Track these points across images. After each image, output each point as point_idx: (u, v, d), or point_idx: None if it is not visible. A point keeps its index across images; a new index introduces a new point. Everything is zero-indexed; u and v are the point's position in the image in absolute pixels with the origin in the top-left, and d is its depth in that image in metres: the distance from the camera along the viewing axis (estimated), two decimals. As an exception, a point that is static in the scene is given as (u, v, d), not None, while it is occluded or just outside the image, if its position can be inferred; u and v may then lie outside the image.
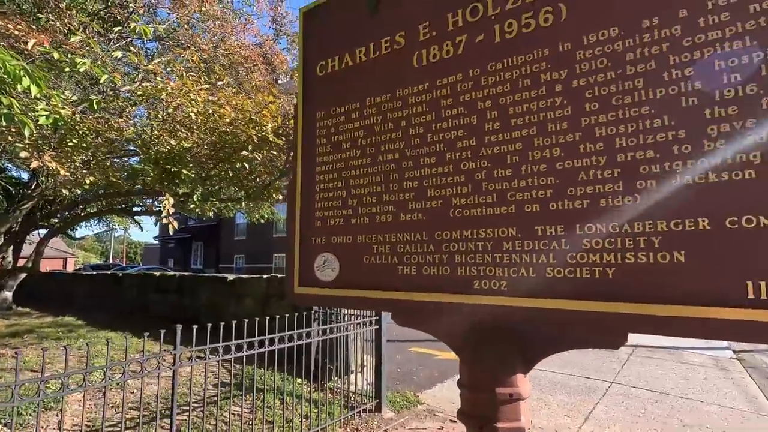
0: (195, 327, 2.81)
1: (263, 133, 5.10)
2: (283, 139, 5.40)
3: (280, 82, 10.27)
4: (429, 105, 1.14)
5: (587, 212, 0.89)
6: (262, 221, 9.45)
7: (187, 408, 3.34)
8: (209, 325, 2.92)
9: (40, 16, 5.90)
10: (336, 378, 4.72)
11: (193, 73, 5.46)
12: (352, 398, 4.46)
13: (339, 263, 1.26)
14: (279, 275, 6.96)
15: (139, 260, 57.01)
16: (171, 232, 5.04)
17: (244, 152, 5.24)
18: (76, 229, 17.41)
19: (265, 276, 6.97)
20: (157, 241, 39.67)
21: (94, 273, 13.35)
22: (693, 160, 0.79)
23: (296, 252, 1.36)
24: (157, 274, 10.11)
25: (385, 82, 1.24)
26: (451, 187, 1.07)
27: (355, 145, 1.28)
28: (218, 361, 3.07)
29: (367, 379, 4.51)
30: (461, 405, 1.01)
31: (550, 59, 0.97)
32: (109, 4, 7.10)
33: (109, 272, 13.55)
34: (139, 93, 4.91)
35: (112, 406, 4.07)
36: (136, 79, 5.65)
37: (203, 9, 6.87)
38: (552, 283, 0.91)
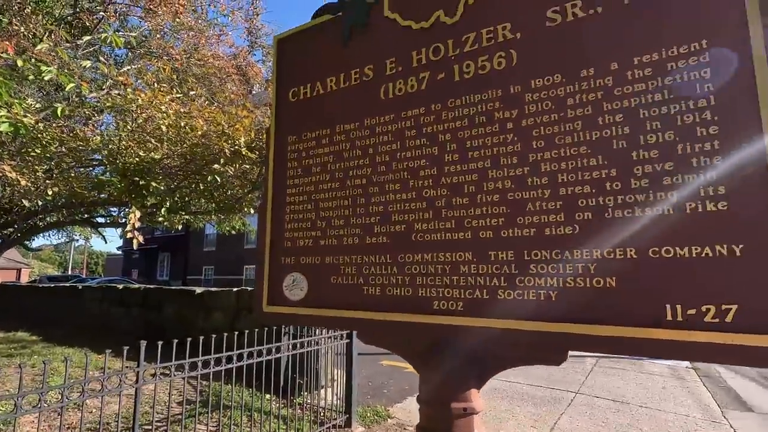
0: (160, 343, 2.75)
1: (236, 147, 5.08)
2: (257, 152, 5.38)
3: (254, 92, 10.23)
4: (394, 135, 1.22)
5: (534, 240, 0.98)
6: (233, 232, 9.29)
7: (150, 427, 3.23)
8: (175, 340, 2.86)
9: (2, 18, 5.71)
10: (306, 393, 4.67)
11: (164, 84, 5.40)
12: (322, 414, 4.42)
13: (307, 283, 1.31)
14: (249, 288, 6.83)
15: (101, 271, 54.50)
16: (135, 246, 4.90)
17: (216, 165, 5.19)
18: (33, 239, 16.53)
19: (235, 289, 6.83)
20: (120, 252, 38.10)
21: (52, 285, 12.71)
22: (622, 196, 0.90)
23: (266, 271, 1.40)
24: (120, 286, 9.73)
25: (354, 111, 1.31)
26: (413, 213, 1.15)
27: (324, 169, 1.34)
28: (184, 378, 3.00)
29: (337, 394, 4.49)
30: (420, 420, 1.07)
31: (502, 99, 1.07)
32: (77, 9, 6.94)
33: (67, 284, 12.92)
34: (108, 104, 4.80)
35: (69, 427, 3.89)
36: (103, 86, 5.53)
37: (177, 19, 6.81)
38: (503, 304, 0.99)
